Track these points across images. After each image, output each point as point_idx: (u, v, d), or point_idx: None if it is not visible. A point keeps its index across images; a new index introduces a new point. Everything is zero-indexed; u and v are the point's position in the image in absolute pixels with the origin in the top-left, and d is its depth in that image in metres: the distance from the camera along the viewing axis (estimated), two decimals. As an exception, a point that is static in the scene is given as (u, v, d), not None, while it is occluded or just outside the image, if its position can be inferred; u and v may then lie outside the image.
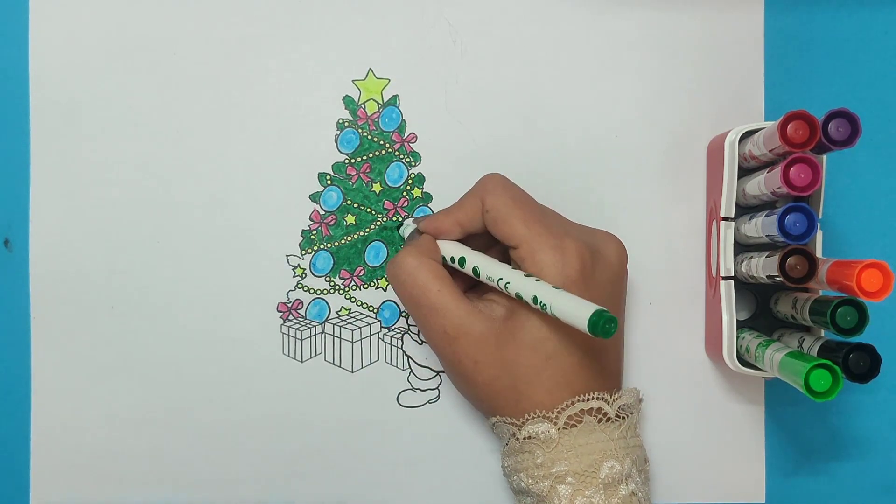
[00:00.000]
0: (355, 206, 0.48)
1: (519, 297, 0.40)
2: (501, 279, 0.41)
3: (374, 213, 0.48)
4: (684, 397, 0.49)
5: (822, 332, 0.44)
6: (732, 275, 0.44)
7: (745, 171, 0.45)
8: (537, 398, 0.41)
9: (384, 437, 0.48)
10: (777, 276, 0.40)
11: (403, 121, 0.48)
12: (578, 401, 0.41)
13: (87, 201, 0.48)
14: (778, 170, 0.40)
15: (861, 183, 0.49)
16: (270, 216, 0.48)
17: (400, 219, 0.48)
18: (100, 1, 0.48)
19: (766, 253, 0.42)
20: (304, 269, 0.48)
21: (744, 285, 0.46)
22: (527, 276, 0.40)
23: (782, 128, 0.39)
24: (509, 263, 0.42)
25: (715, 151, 0.47)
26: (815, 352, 0.41)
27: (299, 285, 0.48)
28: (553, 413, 0.40)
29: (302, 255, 0.48)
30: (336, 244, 0.48)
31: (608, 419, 0.41)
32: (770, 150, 0.41)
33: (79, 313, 0.48)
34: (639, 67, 0.49)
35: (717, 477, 0.49)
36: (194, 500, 0.48)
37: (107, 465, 0.48)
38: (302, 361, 0.48)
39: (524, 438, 0.41)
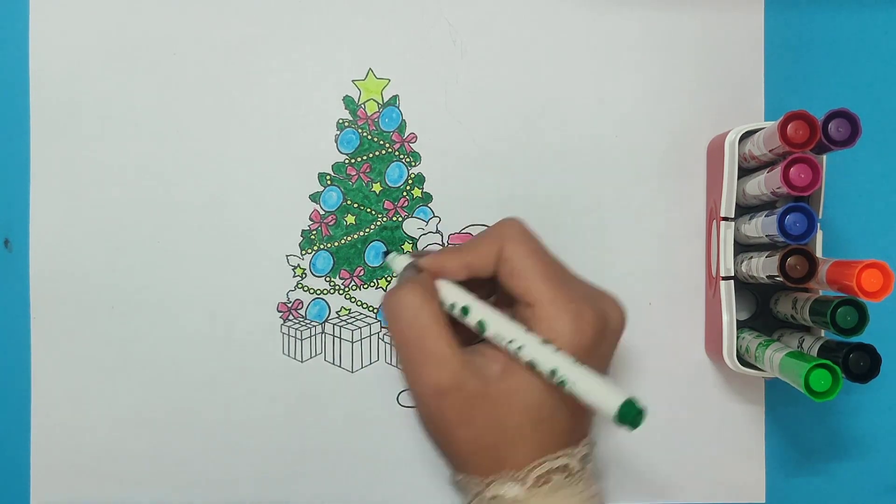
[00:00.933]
0: (355, 206, 0.48)
1: (531, 365, 0.37)
2: (513, 342, 0.38)
3: (374, 213, 0.48)
4: (684, 397, 0.49)
5: (822, 332, 0.44)
6: (732, 275, 0.44)
7: (745, 171, 0.45)
8: (515, 459, 0.39)
9: (384, 437, 0.48)
10: (777, 276, 0.40)
11: (403, 121, 0.48)
12: (547, 461, 0.39)
13: (87, 201, 0.48)
14: (778, 170, 0.40)
15: (861, 183, 0.49)
16: (270, 216, 0.48)
17: (400, 218, 0.48)
18: (100, 1, 0.48)
19: (766, 253, 0.42)
20: (304, 269, 0.48)
21: (744, 285, 0.46)
22: (543, 342, 0.37)
23: (782, 128, 0.39)
24: (509, 314, 0.39)
25: (715, 151, 0.47)
26: (815, 352, 0.41)
27: (299, 285, 0.48)
28: (522, 473, 0.39)
29: (302, 255, 0.48)
30: (336, 244, 0.48)
31: (572, 473, 0.39)
32: (770, 150, 0.41)
33: (79, 313, 0.48)
34: (639, 67, 0.48)
35: (717, 477, 0.49)
36: (194, 500, 0.48)
37: (107, 465, 0.48)
38: (302, 361, 0.48)
39: (490, 498, 0.39)
